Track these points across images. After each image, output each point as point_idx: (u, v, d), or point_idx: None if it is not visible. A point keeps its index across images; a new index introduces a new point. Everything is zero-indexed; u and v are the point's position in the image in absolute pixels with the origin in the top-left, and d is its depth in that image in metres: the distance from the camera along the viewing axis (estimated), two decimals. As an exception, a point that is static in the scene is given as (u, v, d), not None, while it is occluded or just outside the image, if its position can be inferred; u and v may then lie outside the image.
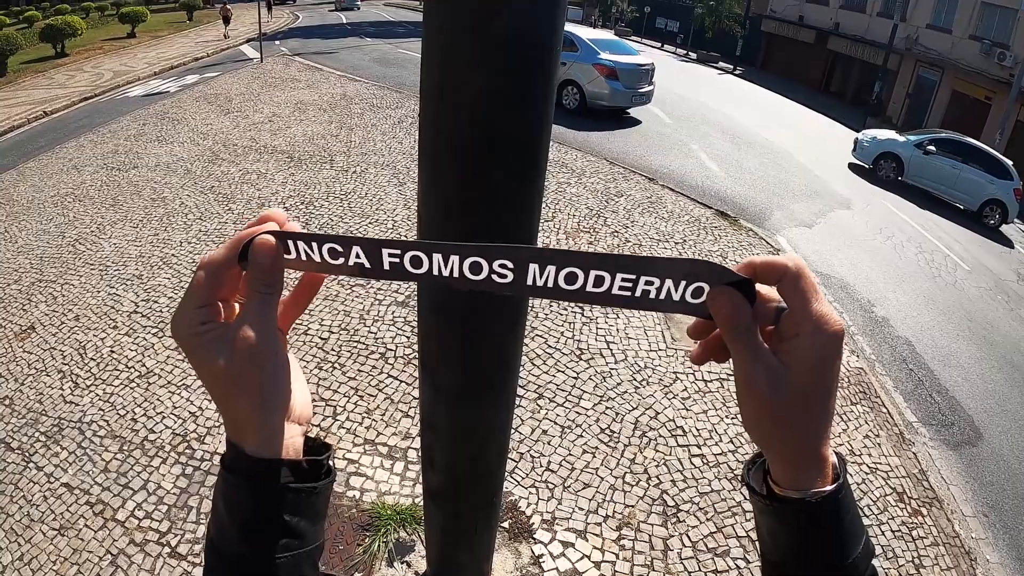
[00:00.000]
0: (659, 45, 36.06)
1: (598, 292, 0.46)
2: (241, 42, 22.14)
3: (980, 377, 5.84)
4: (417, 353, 1.28)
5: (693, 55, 32.64)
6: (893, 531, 3.65)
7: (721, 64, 30.53)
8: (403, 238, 0.51)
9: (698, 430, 4.00)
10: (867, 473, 4.06)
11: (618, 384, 4.30)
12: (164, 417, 3.85)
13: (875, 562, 0.48)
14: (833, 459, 0.46)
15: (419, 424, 1.35)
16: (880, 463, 4.17)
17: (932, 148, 13.45)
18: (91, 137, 10.39)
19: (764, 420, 0.45)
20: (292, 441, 0.47)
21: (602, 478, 3.56)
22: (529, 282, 0.46)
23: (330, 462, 0.50)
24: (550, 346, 4.67)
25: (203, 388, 3.98)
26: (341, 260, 0.48)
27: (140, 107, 12.37)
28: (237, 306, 0.50)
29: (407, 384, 4.13)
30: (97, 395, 4.09)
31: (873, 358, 5.67)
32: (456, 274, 0.46)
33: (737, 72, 28.77)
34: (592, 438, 3.81)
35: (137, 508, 3.25)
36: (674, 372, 4.50)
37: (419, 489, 3.33)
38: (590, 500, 3.43)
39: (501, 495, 2.11)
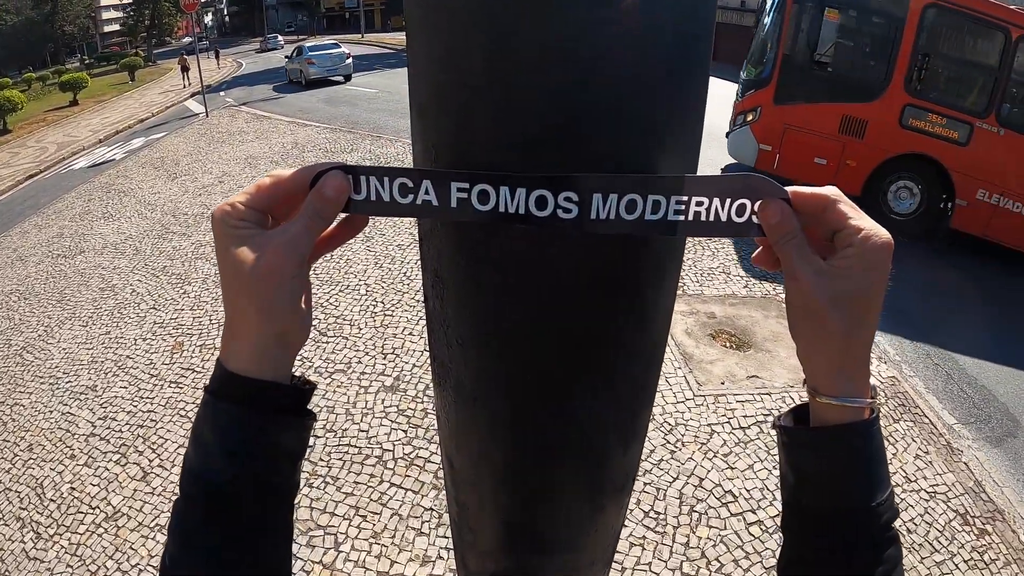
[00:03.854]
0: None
1: (656, 220, 0.44)
2: (186, 97, 21.63)
3: (1002, 355, 5.41)
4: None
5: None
6: (966, 561, 3.28)
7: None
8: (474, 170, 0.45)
9: (748, 491, 3.54)
10: (927, 500, 3.68)
11: (652, 451, 3.81)
12: (140, 570, 3.28)
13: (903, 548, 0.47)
14: (873, 381, 0.46)
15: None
16: (937, 485, 3.81)
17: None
18: (36, 221, 9.85)
19: (809, 320, 0.45)
20: (282, 365, 0.46)
21: (657, 574, 3.09)
22: (592, 215, 0.44)
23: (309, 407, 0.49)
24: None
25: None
26: (410, 197, 0.46)
27: (85, 180, 11.82)
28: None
29: (413, 492, 3.59)
30: (62, 547, 3.52)
31: (899, 359, 5.31)
32: (523, 210, 0.44)
33: (689, 64, 28.88)
34: (637, 525, 3.32)
35: None
36: (708, 425, 4.03)
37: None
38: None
39: None
